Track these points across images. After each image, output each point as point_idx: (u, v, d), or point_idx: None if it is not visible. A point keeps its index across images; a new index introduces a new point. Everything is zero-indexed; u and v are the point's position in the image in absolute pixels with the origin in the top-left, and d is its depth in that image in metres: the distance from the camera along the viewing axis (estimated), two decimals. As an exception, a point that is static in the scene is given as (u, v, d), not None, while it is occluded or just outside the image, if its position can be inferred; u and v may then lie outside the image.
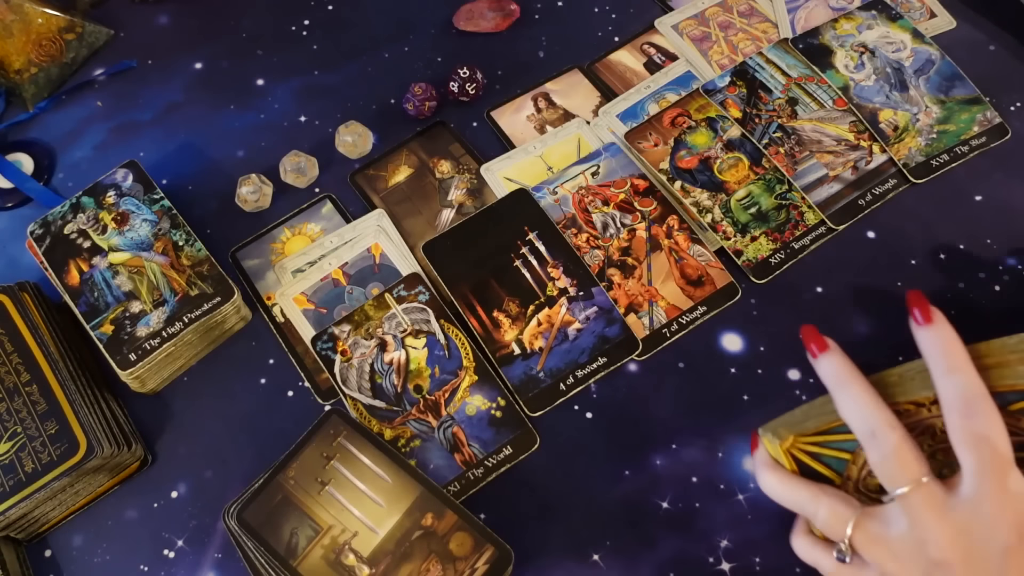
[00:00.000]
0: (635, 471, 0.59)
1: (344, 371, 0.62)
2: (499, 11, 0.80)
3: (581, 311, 0.64)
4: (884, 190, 0.68)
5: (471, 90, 0.74)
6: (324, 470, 0.54)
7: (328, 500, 0.53)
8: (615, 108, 0.74)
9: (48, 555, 0.59)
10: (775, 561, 0.55)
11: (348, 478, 0.54)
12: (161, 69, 0.80)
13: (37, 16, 0.77)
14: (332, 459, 0.54)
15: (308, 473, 0.54)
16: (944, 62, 0.73)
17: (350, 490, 0.53)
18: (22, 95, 0.78)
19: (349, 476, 0.54)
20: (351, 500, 0.53)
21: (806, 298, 0.65)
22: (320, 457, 0.55)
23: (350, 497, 0.53)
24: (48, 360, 0.59)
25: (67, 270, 0.63)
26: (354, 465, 0.54)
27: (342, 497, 0.53)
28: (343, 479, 0.54)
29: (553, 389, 0.61)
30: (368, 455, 0.55)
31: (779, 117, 0.71)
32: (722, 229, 0.67)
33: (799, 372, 0.62)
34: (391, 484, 0.54)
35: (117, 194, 0.65)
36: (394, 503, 0.53)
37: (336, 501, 0.53)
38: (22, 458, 0.55)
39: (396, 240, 0.68)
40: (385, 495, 0.53)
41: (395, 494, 0.53)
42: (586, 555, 0.56)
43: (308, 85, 0.78)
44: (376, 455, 0.54)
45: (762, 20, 0.79)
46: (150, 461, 0.61)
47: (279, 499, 0.53)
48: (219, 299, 0.61)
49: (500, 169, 0.71)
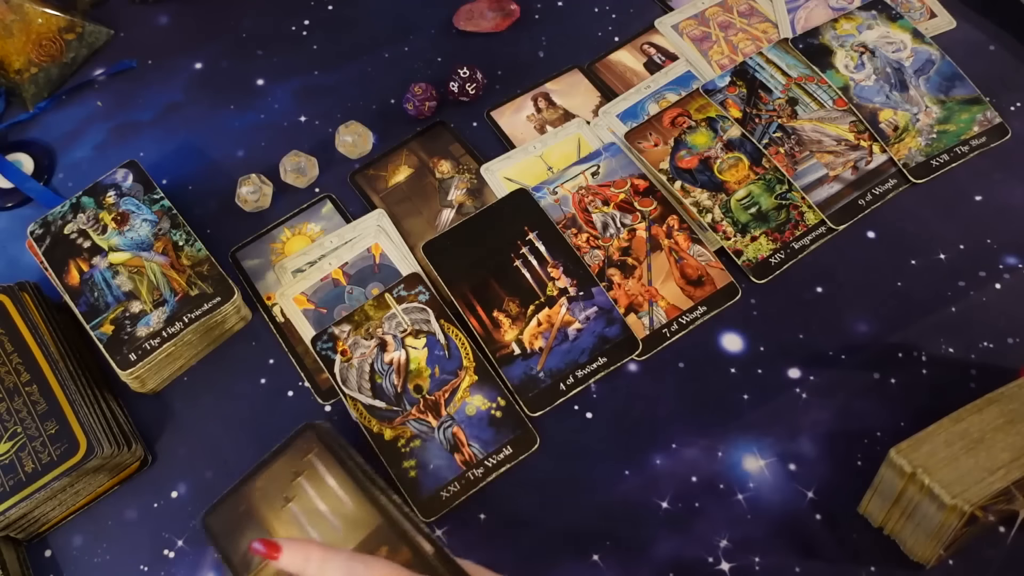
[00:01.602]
0: (635, 471, 0.59)
1: (344, 371, 0.62)
2: (499, 11, 0.80)
3: (581, 311, 0.63)
4: (884, 190, 0.68)
5: (471, 90, 0.74)
6: (291, 486, 0.53)
7: (289, 517, 0.52)
8: (615, 108, 0.74)
9: (48, 555, 0.59)
10: (775, 561, 0.55)
11: (311, 497, 0.53)
12: (161, 69, 0.80)
13: (37, 16, 0.77)
14: (300, 475, 0.53)
15: (275, 487, 0.53)
16: (944, 62, 0.73)
17: (311, 511, 0.52)
18: (22, 95, 0.78)
19: (313, 496, 0.53)
20: (311, 521, 0.52)
21: (806, 298, 0.65)
22: (289, 472, 0.53)
23: (310, 518, 0.52)
24: (48, 360, 0.59)
25: (67, 270, 0.63)
26: (319, 485, 0.53)
27: (302, 517, 0.52)
28: (306, 498, 0.53)
29: (553, 389, 0.61)
30: (335, 476, 0.53)
31: (779, 117, 0.71)
32: (722, 229, 0.67)
33: (799, 371, 0.62)
34: (352, 510, 0.52)
35: (117, 194, 0.65)
36: (351, 531, 0.52)
37: (296, 520, 0.52)
38: (22, 458, 0.55)
39: (396, 240, 0.68)
40: (344, 521, 0.52)
41: (354, 521, 0.52)
42: (586, 555, 0.56)
43: (308, 85, 0.78)
44: (342, 477, 0.53)
45: (762, 20, 0.79)
46: (150, 461, 0.61)
47: (243, 509, 0.52)
48: (219, 299, 0.61)
49: (500, 169, 0.71)
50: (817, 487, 0.57)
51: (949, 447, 0.50)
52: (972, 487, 0.48)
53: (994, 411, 0.51)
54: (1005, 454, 0.49)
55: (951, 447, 0.50)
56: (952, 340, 0.62)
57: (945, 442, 0.50)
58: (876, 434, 0.59)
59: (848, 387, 0.61)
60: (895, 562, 0.54)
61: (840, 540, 0.56)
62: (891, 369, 0.61)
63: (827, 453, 0.59)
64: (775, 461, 0.58)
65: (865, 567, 0.55)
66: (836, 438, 0.59)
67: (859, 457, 0.58)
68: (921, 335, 0.63)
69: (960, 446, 0.50)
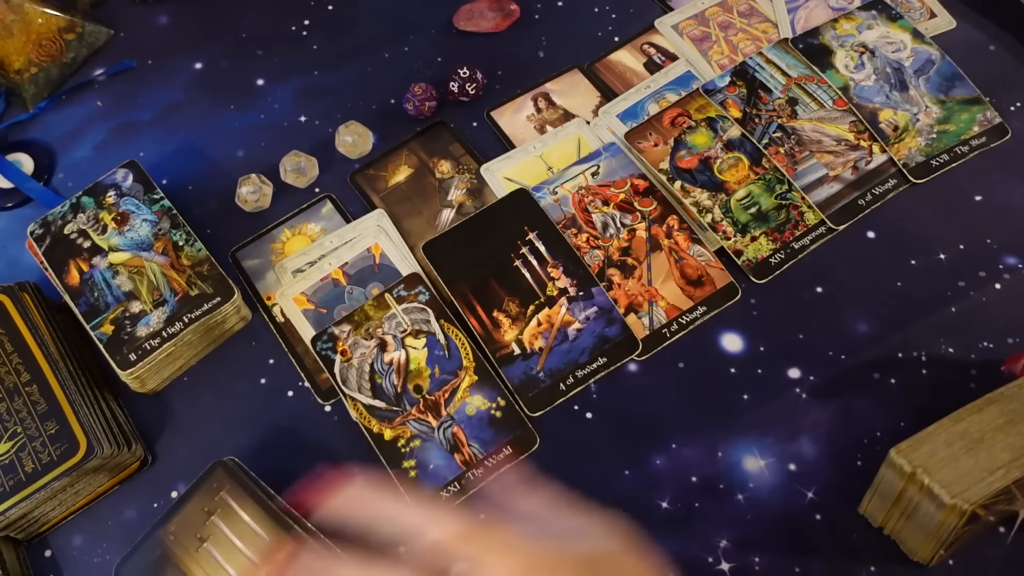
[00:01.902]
0: (635, 471, 0.59)
1: (344, 371, 0.62)
2: (499, 11, 0.80)
3: (581, 311, 0.63)
4: (884, 190, 0.68)
5: (471, 90, 0.74)
6: (204, 526, 0.53)
7: (205, 558, 0.52)
8: (615, 108, 0.74)
9: (48, 555, 0.59)
10: (775, 561, 0.55)
11: (226, 535, 0.52)
12: (161, 69, 0.80)
13: (37, 16, 0.77)
14: (213, 514, 0.53)
15: (188, 529, 0.52)
16: (944, 62, 0.73)
17: (227, 548, 0.52)
18: (22, 95, 0.78)
19: (227, 533, 0.52)
20: (227, 559, 0.52)
21: (806, 298, 0.65)
22: (201, 512, 0.53)
23: (227, 556, 0.52)
24: (48, 360, 0.59)
25: (67, 270, 0.63)
26: (233, 521, 0.53)
27: (219, 555, 0.52)
28: (221, 536, 0.52)
29: (553, 389, 0.61)
30: (248, 511, 0.53)
31: (779, 117, 0.71)
32: (722, 229, 0.67)
33: (799, 371, 0.62)
34: (268, 543, 0.52)
35: (117, 194, 0.65)
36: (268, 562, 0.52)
37: (213, 559, 0.52)
38: (22, 458, 0.55)
39: (396, 240, 0.68)
40: (260, 553, 0.52)
41: (270, 553, 0.53)
42: (586, 555, 0.56)
43: (308, 85, 0.78)
44: (256, 511, 0.53)
45: (762, 20, 0.79)
46: (150, 461, 0.61)
47: (157, 555, 0.52)
48: (219, 299, 0.61)
49: (500, 169, 0.71)
50: (817, 487, 0.57)
51: (949, 447, 0.50)
52: (972, 487, 0.48)
53: (994, 411, 0.51)
54: (1005, 454, 0.49)
55: (951, 447, 0.50)
56: (952, 340, 0.62)
57: (945, 442, 0.50)
58: (876, 434, 0.59)
59: (848, 387, 0.61)
60: (895, 562, 0.54)
61: (840, 540, 0.56)
62: (891, 369, 0.61)
63: (827, 453, 0.58)
64: (775, 461, 0.58)
65: (865, 567, 0.55)
66: (836, 438, 0.59)
67: (859, 457, 0.58)
68: (921, 335, 0.62)
69: (960, 446, 0.50)
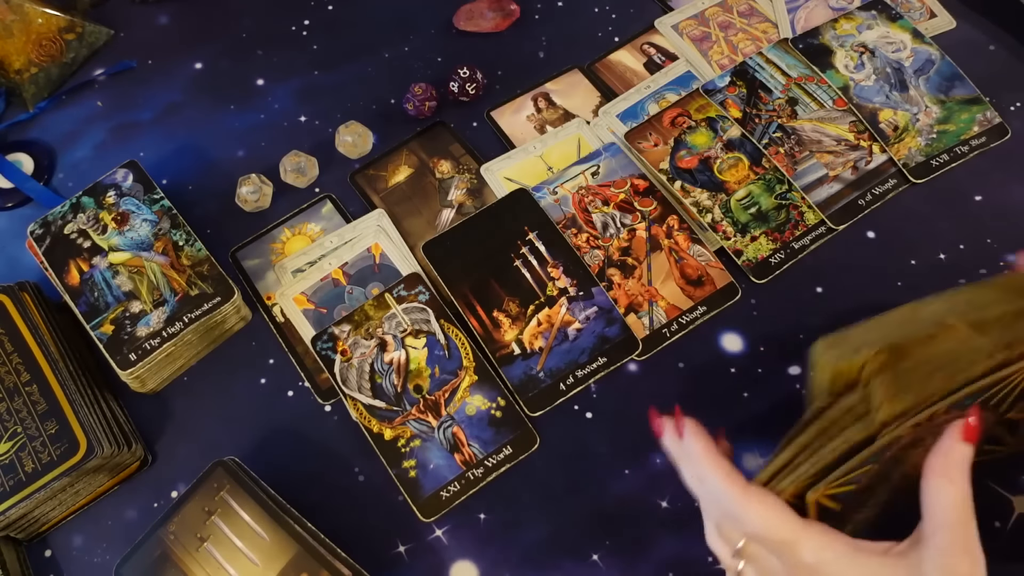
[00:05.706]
0: (635, 471, 0.59)
1: (344, 371, 0.62)
2: (499, 11, 0.80)
3: (581, 311, 0.63)
4: (884, 190, 0.68)
5: (471, 90, 0.74)
6: (204, 526, 0.53)
7: (205, 558, 0.52)
8: (615, 108, 0.74)
9: (48, 555, 0.59)
10: (775, 561, 0.55)
11: (227, 535, 0.53)
12: (161, 69, 0.80)
13: (37, 16, 0.77)
14: (213, 514, 0.53)
15: (188, 528, 0.53)
16: (944, 62, 0.73)
17: (228, 548, 0.52)
18: (22, 95, 0.79)
19: (228, 533, 0.53)
20: (228, 558, 0.52)
21: (806, 298, 0.65)
22: (201, 512, 0.53)
23: (227, 555, 0.52)
24: (48, 360, 0.59)
25: (67, 270, 0.63)
26: (233, 521, 0.53)
27: (219, 555, 0.52)
28: (222, 536, 0.53)
29: (553, 389, 0.61)
30: (248, 511, 0.53)
31: (779, 117, 0.71)
32: (722, 229, 0.67)
33: (799, 371, 0.62)
34: (268, 543, 0.53)
35: (117, 194, 0.66)
36: (269, 563, 0.52)
37: (213, 559, 0.52)
38: (22, 458, 0.55)
39: (396, 240, 0.68)
40: (261, 554, 0.52)
41: (271, 553, 0.52)
42: (586, 555, 0.56)
43: (308, 85, 0.78)
44: (256, 511, 0.53)
45: (762, 20, 0.79)
46: (150, 461, 0.61)
47: (158, 555, 0.52)
48: (219, 299, 0.61)
49: (500, 169, 0.71)
50: (817, 487, 0.57)
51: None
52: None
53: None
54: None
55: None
56: (952, 340, 0.62)
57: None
58: (876, 434, 0.59)
59: (848, 387, 0.61)
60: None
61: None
62: (891, 369, 0.61)
63: (827, 453, 0.58)
64: (775, 461, 0.58)
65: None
66: (836, 438, 0.59)
67: (859, 457, 0.58)
68: (921, 335, 0.62)
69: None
